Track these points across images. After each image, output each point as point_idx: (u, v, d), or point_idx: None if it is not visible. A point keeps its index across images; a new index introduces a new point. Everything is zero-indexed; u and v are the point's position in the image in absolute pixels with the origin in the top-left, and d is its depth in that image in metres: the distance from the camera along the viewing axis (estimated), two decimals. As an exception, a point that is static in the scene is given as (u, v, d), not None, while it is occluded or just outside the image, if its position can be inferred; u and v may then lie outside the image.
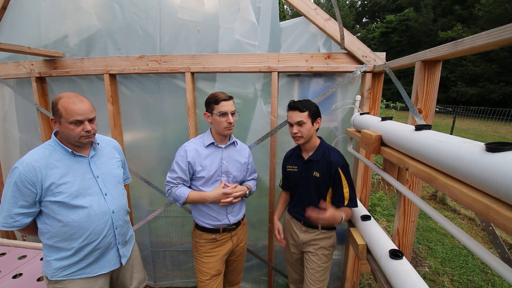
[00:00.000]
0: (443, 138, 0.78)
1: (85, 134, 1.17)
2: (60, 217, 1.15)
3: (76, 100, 1.14)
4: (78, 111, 1.13)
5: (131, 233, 1.48)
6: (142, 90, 2.07)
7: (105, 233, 1.26)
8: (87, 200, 1.20)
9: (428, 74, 1.19)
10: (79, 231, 1.18)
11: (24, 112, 2.25)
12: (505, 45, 0.80)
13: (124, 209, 1.38)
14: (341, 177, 1.41)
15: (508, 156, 0.54)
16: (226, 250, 1.60)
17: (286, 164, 1.66)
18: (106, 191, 1.28)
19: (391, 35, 29.15)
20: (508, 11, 16.85)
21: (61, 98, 1.13)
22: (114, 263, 1.33)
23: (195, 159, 1.46)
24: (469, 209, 0.65)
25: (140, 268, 1.54)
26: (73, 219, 1.16)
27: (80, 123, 1.14)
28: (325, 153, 1.47)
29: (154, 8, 1.92)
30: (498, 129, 10.03)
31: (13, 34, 2.09)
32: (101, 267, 1.28)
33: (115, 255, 1.33)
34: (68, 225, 1.16)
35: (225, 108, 1.41)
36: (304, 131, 1.42)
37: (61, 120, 1.13)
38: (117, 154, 1.43)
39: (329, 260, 1.57)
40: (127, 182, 1.58)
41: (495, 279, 2.57)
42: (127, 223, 1.42)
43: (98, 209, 1.23)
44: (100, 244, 1.25)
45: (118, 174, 1.38)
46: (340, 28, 1.63)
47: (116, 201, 1.31)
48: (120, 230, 1.33)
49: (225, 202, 1.46)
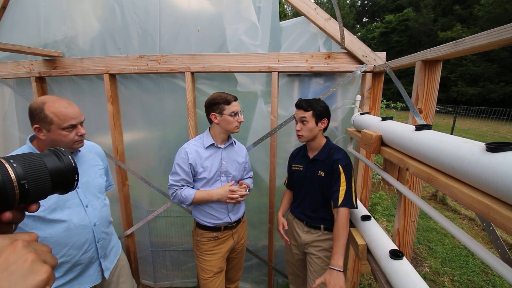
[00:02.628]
0: (443, 138, 0.77)
1: (79, 139, 1.12)
2: (37, 231, 1.04)
3: (65, 104, 1.08)
4: (71, 115, 1.07)
5: (113, 244, 1.39)
6: (142, 90, 2.06)
7: (85, 247, 1.18)
8: (66, 214, 1.11)
9: (428, 74, 1.19)
10: (56, 247, 1.09)
11: (24, 112, 2.25)
12: (505, 45, 0.79)
13: (107, 221, 1.31)
14: (341, 174, 1.38)
15: (508, 156, 0.54)
16: (228, 247, 1.61)
17: (292, 162, 1.65)
18: (87, 203, 1.20)
19: (391, 35, 29.17)
20: (508, 11, 16.84)
21: (45, 103, 1.04)
22: (96, 278, 1.25)
23: (196, 161, 1.47)
24: (469, 209, 0.65)
25: (127, 278, 1.45)
26: (50, 233, 1.07)
27: (73, 127, 1.09)
28: (330, 152, 1.46)
29: (154, 7, 1.92)
30: (498, 129, 10.03)
31: (13, 34, 2.09)
32: (81, 283, 1.19)
33: (97, 269, 1.25)
34: (45, 240, 1.06)
35: (236, 108, 1.46)
36: (306, 129, 1.43)
37: (51, 127, 1.04)
38: (100, 161, 1.35)
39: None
40: (110, 189, 1.51)
41: (496, 279, 2.56)
42: (109, 234, 1.34)
43: (79, 223, 1.15)
44: (80, 259, 1.16)
45: (100, 184, 1.30)
46: (340, 27, 1.63)
47: (97, 213, 1.23)
48: (103, 243, 1.26)
49: (232, 199, 1.48)
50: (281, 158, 2.04)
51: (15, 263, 0.33)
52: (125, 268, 1.46)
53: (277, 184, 2.02)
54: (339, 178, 1.39)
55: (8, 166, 0.38)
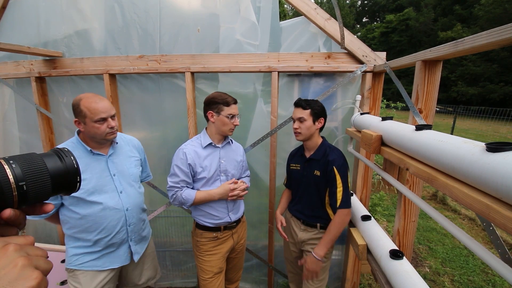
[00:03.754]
0: (443, 138, 0.77)
1: (110, 131, 1.24)
2: (78, 209, 1.21)
3: (96, 99, 1.20)
4: (101, 109, 1.18)
5: (147, 231, 1.53)
6: (142, 90, 2.06)
7: (118, 229, 1.30)
8: (103, 197, 1.26)
9: (428, 74, 1.19)
10: (94, 224, 1.24)
11: (24, 112, 2.25)
12: (505, 45, 0.79)
13: (139, 207, 1.42)
14: (336, 176, 1.41)
15: (508, 156, 0.54)
16: (228, 247, 1.61)
17: (290, 162, 1.68)
18: (121, 189, 1.33)
19: (391, 35, 29.17)
20: (507, 11, 16.84)
21: (81, 100, 1.18)
22: (125, 259, 1.38)
23: (195, 161, 1.46)
24: (469, 209, 0.65)
25: (151, 265, 1.57)
26: (89, 213, 1.22)
27: (104, 120, 1.20)
28: (326, 152, 1.48)
29: (154, 7, 1.92)
30: (498, 129, 10.03)
31: (13, 34, 2.08)
32: (112, 262, 1.33)
33: (127, 251, 1.38)
34: (84, 218, 1.22)
35: (234, 111, 1.47)
36: (304, 127, 1.46)
37: (85, 120, 1.17)
38: (136, 153, 1.47)
39: (328, 260, 1.58)
40: (147, 179, 1.63)
41: (496, 279, 2.56)
42: (142, 221, 1.46)
43: (113, 206, 1.28)
44: (113, 239, 1.30)
45: (135, 173, 1.42)
46: (340, 27, 1.63)
47: (130, 199, 1.35)
48: (134, 228, 1.38)
49: (234, 196, 1.49)
50: (281, 158, 2.04)
51: (4, 268, 0.32)
52: (151, 256, 1.58)
53: (277, 184, 2.02)
54: (335, 180, 1.42)
55: (7, 167, 0.37)
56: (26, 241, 0.38)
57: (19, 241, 0.37)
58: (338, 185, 1.41)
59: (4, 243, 0.34)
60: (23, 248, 0.35)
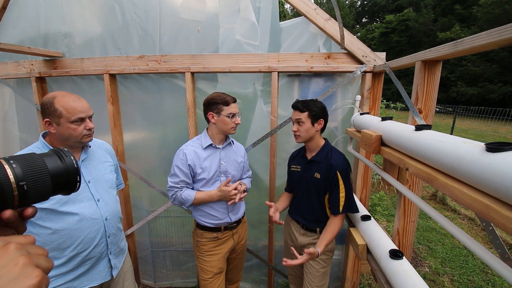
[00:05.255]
0: (443, 138, 0.78)
1: (88, 133, 1.14)
2: (49, 224, 1.07)
3: (74, 97, 1.10)
4: (80, 108, 1.09)
5: (124, 243, 1.41)
6: (142, 90, 2.07)
7: (96, 241, 1.18)
8: (78, 207, 1.13)
9: (428, 74, 1.19)
10: (69, 239, 1.11)
11: (24, 112, 2.25)
12: (505, 45, 0.80)
13: (118, 216, 1.31)
14: (339, 181, 1.39)
15: (508, 156, 0.54)
16: (228, 248, 1.61)
17: (291, 163, 1.65)
18: (98, 197, 1.21)
19: (391, 35, 29.18)
20: (507, 12, 16.85)
21: (55, 98, 1.07)
22: (105, 275, 1.25)
23: (195, 162, 1.47)
24: (469, 209, 0.65)
25: (131, 281, 1.46)
26: (62, 226, 1.09)
27: (82, 121, 1.11)
28: (328, 154, 1.46)
29: (154, 8, 1.92)
30: (498, 129, 10.04)
31: (13, 34, 2.09)
32: (91, 279, 1.20)
33: (107, 266, 1.26)
34: (57, 232, 1.08)
35: (234, 110, 1.47)
36: (302, 130, 1.44)
37: (60, 120, 1.06)
38: (109, 158, 1.37)
39: (328, 265, 1.56)
40: (120, 187, 1.51)
41: (495, 279, 2.57)
42: (120, 231, 1.34)
43: (90, 216, 1.16)
44: (91, 253, 1.17)
45: (111, 179, 1.31)
46: (340, 28, 1.63)
47: (109, 208, 1.24)
48: (113, 239, 1.26)
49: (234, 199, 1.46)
50: (281, 159, 2.04)
51: (5, 267, 0.32)
52: (130, 272, 1.46)
53: (277, 184, 2.02)
54: (338, 185, 1.40)
55: (7, 167, 0.37)
56: (26, 240, 0.38)
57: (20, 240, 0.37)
58: (340, 190, 1.39)
59: (5, 242, 0.34)
60: (24, 246, 0.36)
